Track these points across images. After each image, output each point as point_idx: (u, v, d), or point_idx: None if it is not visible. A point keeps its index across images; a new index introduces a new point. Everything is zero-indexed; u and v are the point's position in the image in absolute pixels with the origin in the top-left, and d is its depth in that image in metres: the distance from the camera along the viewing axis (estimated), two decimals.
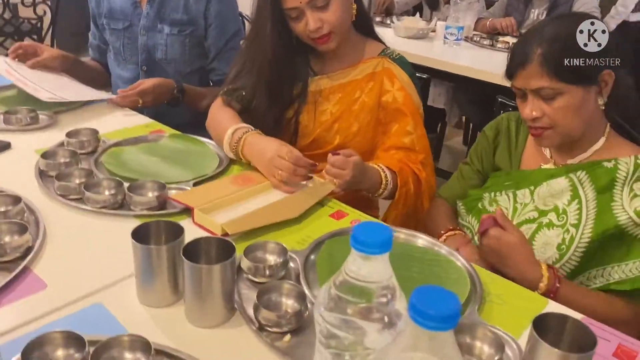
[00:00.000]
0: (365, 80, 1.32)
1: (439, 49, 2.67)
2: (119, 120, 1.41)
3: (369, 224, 0.46)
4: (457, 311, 0.39)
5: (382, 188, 1.21)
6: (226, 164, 1.21)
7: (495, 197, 1.15)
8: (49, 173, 1.09)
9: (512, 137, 1.23)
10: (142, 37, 1.66)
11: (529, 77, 1.02)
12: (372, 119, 1.32)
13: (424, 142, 1.31)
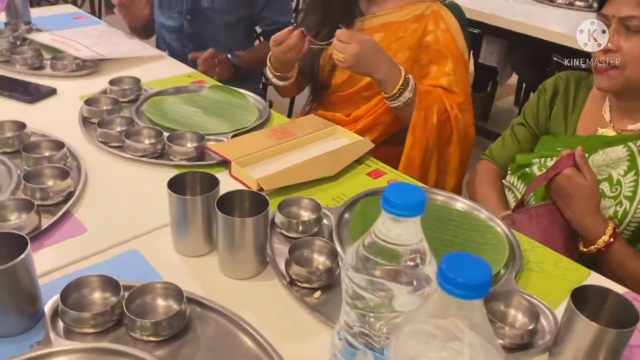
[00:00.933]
0: (410, 21, 1.30)
1: (494, 3, 2.53)
2: (161, 69, 1.41)
3: (401, 184, 0.44)
4: (487, 280, 0.37)
5: (400, 86, 1.16)
6: (265, 116, 1.20)
7: (545, 163, 1.10)
8: (91, 120, 1.11)
9: (570, 99, 1.16)
10: None
11: (622, 2, 0.94)
12: (409, 58, 1.29)
13: (463, 85, 1.27)
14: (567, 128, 1.14)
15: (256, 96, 1.29)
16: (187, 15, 1.67)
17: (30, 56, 1.32)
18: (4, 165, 0.93)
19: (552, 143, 1.14)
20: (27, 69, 1.31)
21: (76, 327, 0.63)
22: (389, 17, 1.31)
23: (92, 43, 1.43)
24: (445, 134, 1.25)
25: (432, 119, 1.21)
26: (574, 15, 2.43)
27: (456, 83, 1.26)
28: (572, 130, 1.14)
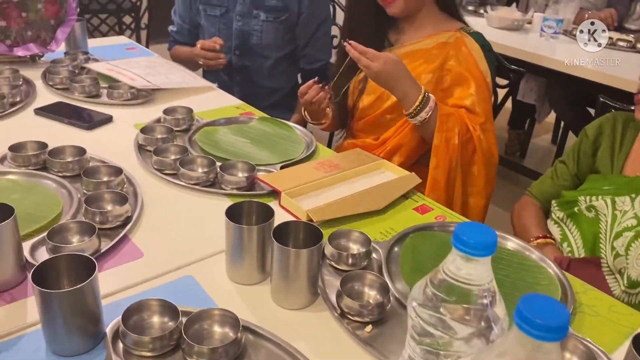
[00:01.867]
0: (435, 48, 1.37)
1: (533, 41, 2.54)
2: (212, 100, 1.46)
3: (472, 224, 0.45)
4: (566, 322, 0.37)
5: (418, 103, 1.24)
6: (312, 149, 1.22)
7: (592, 202, 1.09)
8: (147, 147, 1.15)
9: (617, 138, 1.15)
10: (237, 23, 1.70)
11: None
12: (433, 79, 1.35)
13: (485, 106, 1.31)
14: (614, 167, 1.14)
15: (302, 128, 1.32)
16: (235, 51, 1.73)
17: (88, 84, 1.38)
18: (65, 189, 0.97)
19: (600, 182, 1.13)
20: (85, 96, 1.37)
21: (135, 350, 0.65)
22: (415, 46, 1.40)
23: (146, 73, 1.49)
24: (468, 154, 1.29)
25: (453, 140, 1.26)
26: (616, 54, 2.42)
27: (479, 104, 1.31)
28: (618, 169, 1.13)
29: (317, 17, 1.71)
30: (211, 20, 1.73)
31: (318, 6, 1.71)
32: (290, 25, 1.69)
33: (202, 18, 1.77)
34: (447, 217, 1.01)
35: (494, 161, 1.32)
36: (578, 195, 1.13)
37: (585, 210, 1.10)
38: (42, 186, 0.98)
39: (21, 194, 0.95)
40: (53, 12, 1.52)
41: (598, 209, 1.08)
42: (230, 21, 1.70)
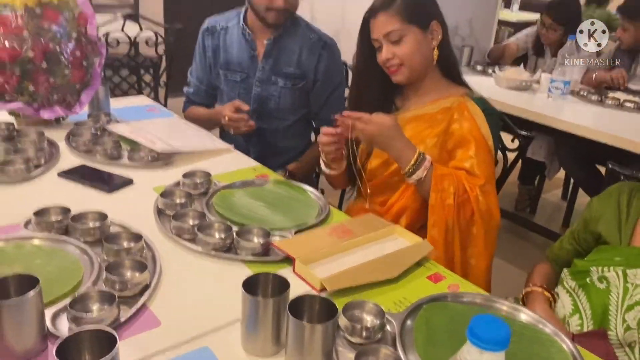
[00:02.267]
0: (439, 113, 1.42)
1: (541, 101, 2.60)
2: (229, 162, 1.50)
3: (487, 318, 0.47)
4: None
5: (413, 163, 1.30)
6: (325, 213, 1.25)
7: (604, 274, 1.10)
8: (166, 211, 1.18)
9: (623, 209, 1.17)
10: (257, 88, 1.77)
11: None
12: (438, 142, 1.40)
13: (485, 168, 1.34)
14: (622, 238, 1.15)
15: (316, 192, 1.35)
16: (253, 115, 1.78)
17: (110, 147, 1.43)
18: (87, 255, 1.00)
19: (610, 253, 1.14)
20: (107, 159, 1.42)
21: None
22: (420, 111, 1.45)
23: (166, 136, 1.54)
24: (466, 215, 1.31)
25: (448, 200, 1.29)
26: (623, 115, 2.46)
27: (478, 166, 1.34)
28: (627, 240, 1.14)
29: (331, 83, 1.77)
30: (231, 85, 1.79)
31: (332, 73, 1.78)
32: (306, 91, 1.75)
33: (222, 82, 1.83)
34: (460, 286, 1.02)
35: (494, 223, 1.34)
36: (590, 265, 1.14)
37: (597, 281, 1.11)
38: (65, 251, 1.01)
39: (44, 259, 0.98)
40: (79, 77, 1.59)
41: (610, 280, 1.09)
42: (249, 86, 1.76)
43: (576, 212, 3.16)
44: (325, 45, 1.78)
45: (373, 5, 1.40)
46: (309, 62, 1.75)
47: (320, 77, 1.76)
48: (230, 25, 1.82)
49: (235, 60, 1.79)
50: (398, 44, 1.38)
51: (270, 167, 1.67)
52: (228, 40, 1.81)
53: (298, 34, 1.78)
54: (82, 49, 1.58)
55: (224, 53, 1.81)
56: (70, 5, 1.56)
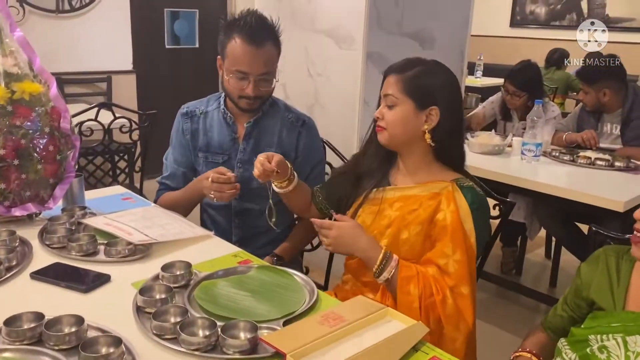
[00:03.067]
0: (427, 197, 1.40)
1: (516, 164, 2.65)
2: (209, 250, 1.46)
3: None
4: None
5: (379, 264, 1.33)
6: (314, 298, 1.20)
7: (603, 342, 1.07)
8: (145, 309, 1.12)
9: (613, 274, 1.16)
10: (239, 170, 1.76)
11: None
12: (422, 231, 1.38)
13: (459, 268, 1.32)
14: (616, 304, 1.13)
15: (302, 275, 1.31)
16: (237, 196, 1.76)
17: (85, 243, 1.38)
18: None
19: (607, 319, 1.12)
20: (82, 255, 1.36)
21: None
22: (409, 191, 1.44)
23: (143, 226, 1.50)
24: (435, 317, 1.29)
25: (414, 304, 1.29)
26: (595, 173, 2.52)
27: (452, 265, 1.32)
28: (621, 306, 1.12)
29: (311, 160, 1.78)
30: (212, 167, 1.78)
31: (312, 151, 1.79)
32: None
33: (201, 165, 1.82)
34: None
35: (465, 328, 1.30)
36: (588, 333, 1.11)
37: (598, 351, 1.07)
38: None
39: None
40: (52, 171, 1.55)
41: (610, 349, 1.06)
42: (231, 168, 1.75)
43: (561, 270, 3.15)
44: (303, 123, 1.81)
45: (392, 65, 1.45)
46: (289, 141, 1.77)
47: (300, 154, 1.77)
48: (209, 109, 1.83)
49: (216, 143, 1.79)
50: (391, 108, 1.41)
51: (255, 247, 1.64)
52: (208, 124, 1.81)
53: (277, 115, 1.81)
54: (55, 144, 1.55)
55: (204, 136, 1.81)
56: (43, 101, 1.55)
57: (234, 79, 1.67)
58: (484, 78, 6.00)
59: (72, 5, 4.20)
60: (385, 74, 1.46)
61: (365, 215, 1.48)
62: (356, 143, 1.76)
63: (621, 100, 2.85)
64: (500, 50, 6.96)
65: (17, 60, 1.53)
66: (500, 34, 7.31)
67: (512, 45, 7.08)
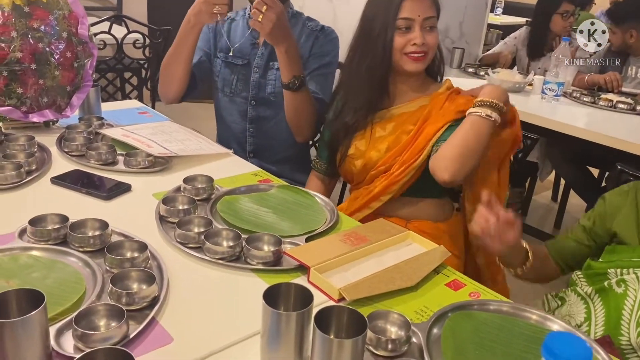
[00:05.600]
0: (418, 111, 1.44)
1: (535, 103, 2.59)
2: (229, 167, 1.44)
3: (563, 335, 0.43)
4: None
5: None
6: (334, 219, 1.20)
7: (622, 277, 1.07)
8: (168, 219, 1.12)
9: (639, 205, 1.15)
10: (255, 75, 1.73)
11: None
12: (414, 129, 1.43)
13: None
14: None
15: (323, 197, 1.30)
16: (251, 101, 1.75)
17: (104, 152, 1.36)
18: (89, 267, 0.94)
19: (629, 253, 1.12)
20: (102, 164, 1.35)
21: None
22: (401, 109, 1.47)
23: (162, 140, 1.48)
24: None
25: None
26: (616, 116, 2.47)
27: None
28: None
29: (319, 60, 1.74)
30: (231, 69, 1.75)
31: (324, 52, 1.75)
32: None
33: (219, 66, 1.78)
34: (482, 294, 0.98)
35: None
36: (608, 267, 1.11)
37: (615, 285, 1.08)
38: (64, 263, 0.94)
39: (43, 271, 0.91)
40: (70, 79, 1.52)
41: (628, 283, 1.06)
42: (249, 72, 1.73)
43: (567, 213, 3.16)
44: (322, 29, 1.78)
45: None
46: (305, 46, 1.74)
47: (312, 54, 1.74)
48: (237, 17, 1.81)
49: (237, 47, 1.76)
50: (430, 32, 1.39)
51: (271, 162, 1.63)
52: (233, 28, 1.79)
53: (299, 24, 1.77)
54: (72, 50, 1.51)
55: (226, 40, 1.77)
56: (61, 4, 1.50)
57: None
58: (504, 16, 5.80)
59: None
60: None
61: (359, 141, 1.49)
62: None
63: None
64: None
65: None
66: None
67: None
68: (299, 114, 1.65)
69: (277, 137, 1.76)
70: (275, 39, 1.49)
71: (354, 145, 1.49)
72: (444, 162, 1.28)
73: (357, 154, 1.49)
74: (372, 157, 1.45)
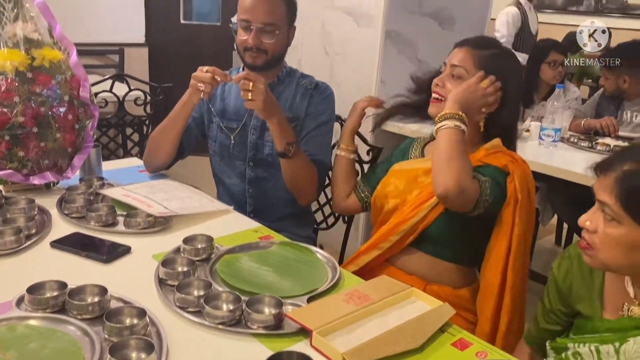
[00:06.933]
0: None
1: (533, 149, 2.60)
2: (229, 224, 1.44)
3: None
4: None
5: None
6: (337, 276, 1.19)
7: (578, 349, 1.03)
8: (168, 282, 1.11)
9: (586, 274, 1.09)
10: (252, 136, 1.74)
11: (598, 188, 0.96)
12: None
13: None
14: (594, 308, 1.07)
15: (324, 253, 1.29)
16: (249, 162, 1.76)
17: (104, 213, 1.36)
18: (88, 336, 0.92)
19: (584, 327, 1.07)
20: (101, 226, 1.35)
21: None
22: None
23: (162, 198, 1.48)
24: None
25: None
26: None
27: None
28: (599, 309, 1.06)
29: (316, 117, 1.74)
30: (227, 133, 1.76)
31: (320, 110, 1.75)
32: (298, 132, 1.72)
33: (214, 131, 1.79)
34: (489, 353, 0.96)
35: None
36: (568, 342, 1.06)
37: (572, 357, 1.03)
38: (62, 332, 0.93)
39: (40, 342, 0.90)
40: (71, 141, 1.53)
41: (583, 357, 1.02)
42: (245, 134, 1.74)
43: None
44: (316, 86, 1.78)
45: (467, 38, 1.44)
46: (301, 105, 1.75)
47: (308, 112, 1.74)
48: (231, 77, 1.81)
49: (232, 109, 1.77)
50: (455, 79, 1.39)
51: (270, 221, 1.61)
52: (227, 90, 1.80)
53: (293, 82, 1.79)
54: (74, 112, 1.54)
55: (221, 102, 1.79)
56: (62, 69, 1.53)
57: (240, 30, 1.67)
58: None
59: None
60: (457, 45, 1.43)
61: (396, 179, 1.49)
62: (371, 122, 1.71)
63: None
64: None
65: (37, 26, 1.51)
66: None
67: None
68: (297, 179, 1.66)
69: (277, 196, 1.76)
70: (267, 112, 1.52)
71: (392, 183, 1.50)
72: (434, 179, 1.29)
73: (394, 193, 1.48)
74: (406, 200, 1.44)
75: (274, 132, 1.57)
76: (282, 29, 1.68)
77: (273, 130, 1.57)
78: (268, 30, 1.64)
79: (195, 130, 1.81)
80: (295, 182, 1.67)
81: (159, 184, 1.64)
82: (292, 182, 1.68)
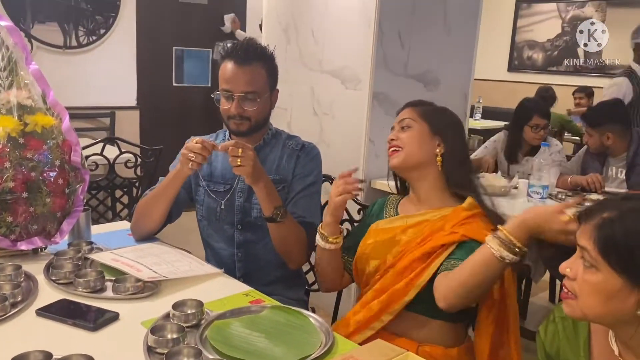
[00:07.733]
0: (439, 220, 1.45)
1: (522, 206, 2.62)
2: (219, 288, 1.42)
3: None
4: None
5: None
6: (330, 341, 1.16)
7: None
8: (157, 350, 1.08)
9: (570, 336, 1.08)
10: (239, 199, 1.74)
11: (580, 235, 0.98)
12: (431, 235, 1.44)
13: None
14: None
15: (317, 317, 1.27)
16: (238, 225, 1.74)
17: (92, 279, 1.34)
18: None
19: None
20: (89, 292, 1.32)
21: None
22: (422, 217, 1.49)
23: (152, 262, 1.46)
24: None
25: None
26: None
27: None
28: None
29: (303, 179, 1.75)
30: (214, 197, 1.76)
31: (309, 172, 1.76)
32: (285, 194, 1.72)
33: (202, 195, 1.79)
34: None
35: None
36: None
37: None
38: None
39: None
40: (61, 205, 1.53)
41: None
42: (233, 197, 1.73)
43: None
44: (302, 147, 1.79)
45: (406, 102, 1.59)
46: (288, 167, 1.75)
47: (295, 174, 1.75)
48: (217, 141, 1.82)
49: (219, 173, 1.78)
50: (405, 130, 1.50)
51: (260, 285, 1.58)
52: (213, 154, 1.80)
53: (279, 144, 1.80)
54: (65, 177, 1.54)
55: (208, 166, 1.79)
56: (54, 134, 1.54)
57: (222, 99, 1.70)
58: (483, 120, 6.07)
59: (80, 42, 4.26)
60: (399, 110, 1.57)
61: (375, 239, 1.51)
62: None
63: (626, 145, 2.87)
64: (498, 94, 7.07)
65: (31, 92, 1.53)
66: (498, 78, 7.43)
67: (509, 89, 7.20)
68: (287, 243, 1.66)
69: (266, 259, 1.75)
70: (255, 178, 1.54)
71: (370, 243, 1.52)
72: (445, 290, 1.30)
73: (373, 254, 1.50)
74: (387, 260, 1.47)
75: (260, 197, 1.58)
76: (264, 95, 1.71)
77: (260, 195, 1.58)
78: (250, 98, 1.67)
79: (184, 195, 1.81)
80: (284, 246, 1.67)
81: (148, 247, 1.62)
82: (281, 247, 1.67)
